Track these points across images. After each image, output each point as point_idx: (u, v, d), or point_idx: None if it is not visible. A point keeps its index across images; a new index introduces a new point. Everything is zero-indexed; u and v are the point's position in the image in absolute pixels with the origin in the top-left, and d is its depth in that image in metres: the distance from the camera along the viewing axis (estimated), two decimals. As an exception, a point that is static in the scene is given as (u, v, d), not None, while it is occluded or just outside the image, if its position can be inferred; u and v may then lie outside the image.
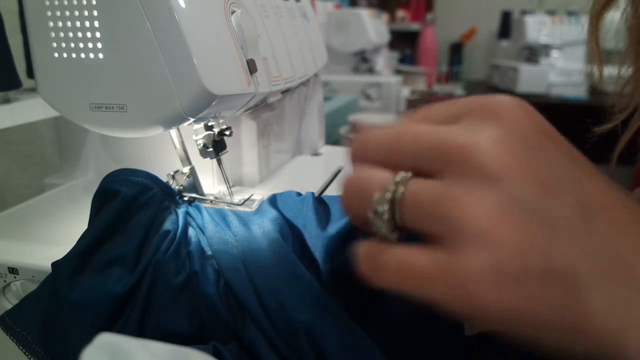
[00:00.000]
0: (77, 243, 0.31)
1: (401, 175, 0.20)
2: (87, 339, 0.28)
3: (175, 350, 0.21)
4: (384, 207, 0.20)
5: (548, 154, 0.20)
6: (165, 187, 0.37)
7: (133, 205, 0.33)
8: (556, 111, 0.48)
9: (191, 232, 0.34)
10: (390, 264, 0.20)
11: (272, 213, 0.35)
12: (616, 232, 0.19)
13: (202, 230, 0.34)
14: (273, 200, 0.37)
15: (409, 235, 0.21)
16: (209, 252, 0.32)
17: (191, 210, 0.37)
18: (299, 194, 0.37)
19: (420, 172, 0.20)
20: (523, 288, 0.18)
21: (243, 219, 0.35)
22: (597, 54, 0.44)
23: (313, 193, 0.37)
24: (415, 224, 0.20)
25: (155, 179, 0.36)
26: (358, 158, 0.23)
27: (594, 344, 0.18)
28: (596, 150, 0.44)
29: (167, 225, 0.33)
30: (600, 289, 0.18)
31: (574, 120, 0.47)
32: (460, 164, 0.19)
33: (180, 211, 0.36)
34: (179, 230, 0.33)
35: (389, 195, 0.20)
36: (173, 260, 0.31)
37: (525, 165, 0.19)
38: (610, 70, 0.46)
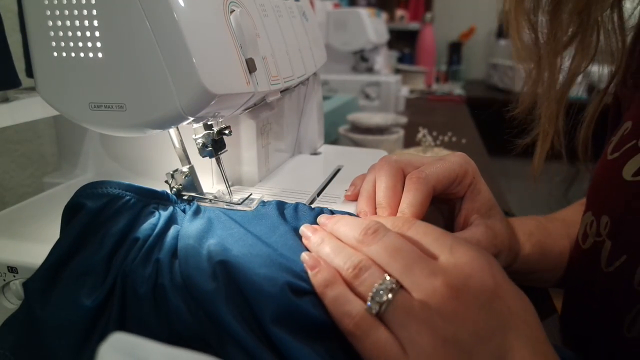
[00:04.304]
0: (44, 260, 0.31)
1: (394, 281, 0.27)
2: (65, 355, 0.28)
3: (193, 357, 0.21)
4: (385, 297, 0.27)
5: (493, 310, 0.26)
6: (148, 191, 0.36)
7: (101, 217, 0.33)
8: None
9: (172, 233, 0.33)
10: (373, 336, 0.26)
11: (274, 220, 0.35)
12: None
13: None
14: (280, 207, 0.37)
15: None
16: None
17: (180, 210, 0.37)
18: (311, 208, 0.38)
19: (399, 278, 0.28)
20: None
21: (231, 221, 0.35)
22: (520, 49, 0.45)
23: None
24: (390, 322, 0.27)
25: (129, 187, 0.35)
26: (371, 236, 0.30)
27: None
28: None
29: (141, 231, 0.33)
30: None
31: (574, 118, 0.48)
32: (431, 295, 0.26)
33: (165, 213, 0.35)
34: (154, 234, 0.33)
35: (389, 288, 0.27)
36: (140, 268, 0.30)
37: (471, 317, 0.26)
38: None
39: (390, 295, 0.27)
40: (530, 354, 0.26)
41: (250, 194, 0.42)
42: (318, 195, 0.45)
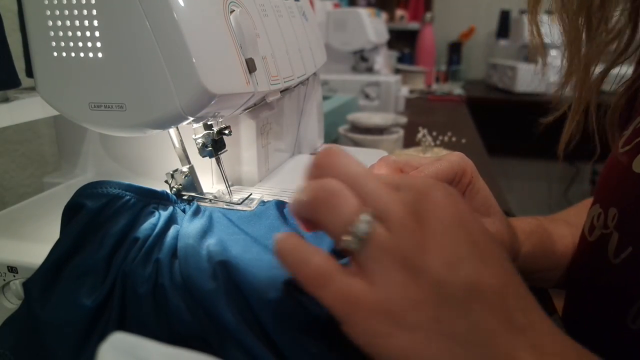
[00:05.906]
0: (44, 260, 0.31)
1: (370, 215, 0.25)
2: (65, 355, 0.28)
3: (193, 357, 0.21)
4: (365, 229, 0.24)
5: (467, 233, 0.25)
6: (148, 191, 0.36)
7: (101, 216, 0.33)
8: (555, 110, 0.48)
9: (172, 233, 0.33)
10: (338, 288, 0.24)
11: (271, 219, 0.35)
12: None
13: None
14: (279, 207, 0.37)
15: None
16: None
17: (180, 209, 0.37)
18: None
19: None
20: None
21: (230, 222, 0.35)
22: (540, 45, 0.45)
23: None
24: (369, 258, 0.24)
25: (129, 187, 0.35)
26: (325, 170, 0.27)
27: None
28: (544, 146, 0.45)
29: (141, 231, 0.33)
30: None
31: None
32: (391, 225, 0.24)
33: (165, 213, 0.35)
34: (154, 234, 0.33)
35: (366, 226, 0.24)
36: (140, 268, 0.30)
37: (438, 244, 0.24)
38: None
39: (367, 229, 0.25)
40: (501, 273, 0.25)
41: (250, 194, 0.42)
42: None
